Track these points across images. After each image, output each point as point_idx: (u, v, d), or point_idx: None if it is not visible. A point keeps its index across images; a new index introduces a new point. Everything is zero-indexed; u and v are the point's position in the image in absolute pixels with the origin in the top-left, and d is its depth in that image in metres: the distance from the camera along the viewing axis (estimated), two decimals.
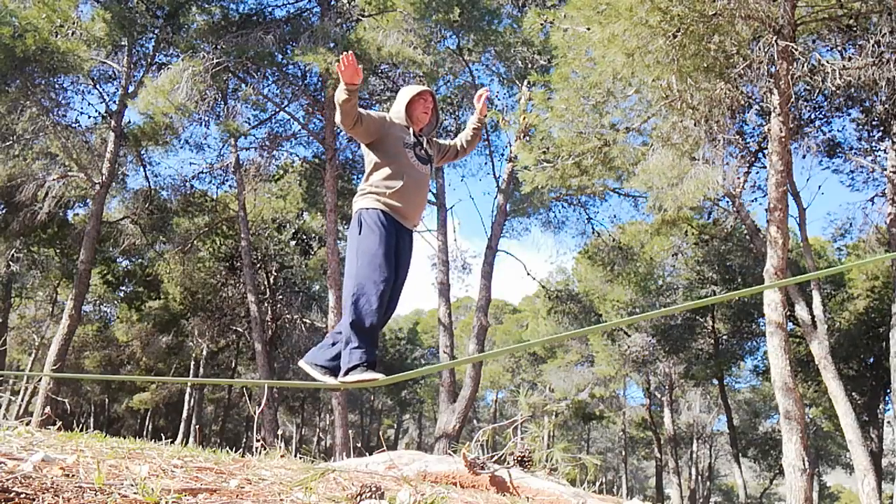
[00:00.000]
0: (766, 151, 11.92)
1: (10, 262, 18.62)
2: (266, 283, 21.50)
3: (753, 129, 14.59)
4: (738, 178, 14.03)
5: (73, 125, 15.98)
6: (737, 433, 26.38)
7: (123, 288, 22.75)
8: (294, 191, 19.64)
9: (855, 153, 15.26)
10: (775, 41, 8.71)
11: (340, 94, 3.28)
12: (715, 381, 25.30)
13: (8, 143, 15.30)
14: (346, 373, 3.22)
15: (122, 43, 15.14)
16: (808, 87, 12.71)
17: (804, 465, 8.77)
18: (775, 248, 9.25)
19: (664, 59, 8.71)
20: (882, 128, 14.28)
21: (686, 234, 19.89)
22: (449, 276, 16.93)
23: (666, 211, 11.37)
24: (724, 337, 24.07)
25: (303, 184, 18.97)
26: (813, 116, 15.11)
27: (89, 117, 24.23)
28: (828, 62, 9.38)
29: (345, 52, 3.34)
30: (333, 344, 3.41)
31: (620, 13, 8.49)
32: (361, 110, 3.44)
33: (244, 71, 16.05)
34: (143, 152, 16.94)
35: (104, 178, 15.01)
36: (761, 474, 35.91)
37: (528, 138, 13.19)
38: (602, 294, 23.80)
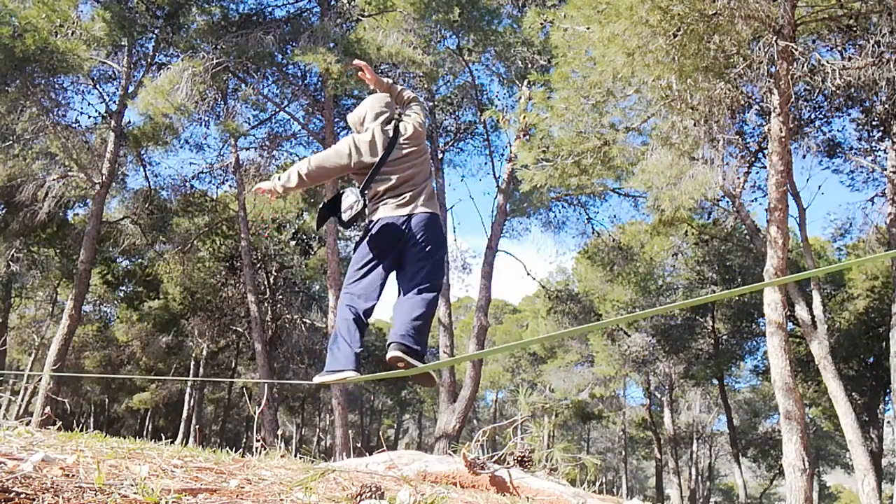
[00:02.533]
0: (766, 151, 11.92)
1: (10, 262, 18.61)
2: (266, 283, 21.50)
3: (753, 129, 14.59)
4: (738, 178, 14.04)
5: (73, 125, 15.98)
6: (737, 433, 26.38)
7: (123, 288, 22.76)
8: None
9: (855, 153, 15.26)
10: (775, 41, 8.71)
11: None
12: (715, 381, 25.30)
13: (8, 143, 15.29)
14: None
15: (122, 43, 15.13)
16: (808, 87, 12.71)
17: (804, 465, 8.76)
18: (775, 248, 9.25)
19: (664, 58, 8.71)
20: (882, 128, 14.28)
21: (686, 234, 19.89)
22: (449, 276, 16.94)
23: (664, 211, 11.37)
24: (724, 337, 24.07)
25: None
26: (813, 116, 15.11)
27: (89, 117, 24.27)
28: (828, 62, 9.38)
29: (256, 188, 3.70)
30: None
31: (620, 12, 8.48)
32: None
33: (244, 71, 16.05)
34: (143, 152, 16.94)
35: (104, 178, 15.00)
36: (761, 474, 35.92)
37: (527, 137, 13.19)
38: (602, 294, 23.80)
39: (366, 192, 3.47)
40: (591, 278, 23.22)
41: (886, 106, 13.01)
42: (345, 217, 3.38)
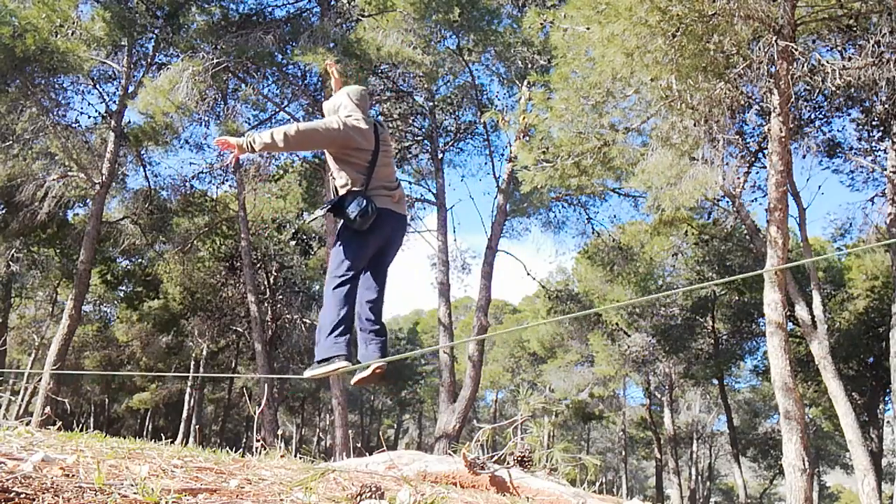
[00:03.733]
0: (766, 151, 11.92)
1: (10, 262, 18.60)
2: (266, 283, 21.50)
3: (753, 129, 14.59)
4: (738, 178, 14.04)
5: (73, 125, 15.98)
6: (737, 433, 26.39)
7: (123, 288, 22.75)
8: (294, 191, 19.64)
9: (855, 153, 15.26)
10: (775, 41, 8.71)
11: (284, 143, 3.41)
12: (715, 381, 25.31)
13: (8, 143, 15.29)
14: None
15: (122, 43, 15.12)
16: (808, 87, 12.70)
17: (804, 465, 8.76)
18: (775, 248, 9.25)
19: (663, 58, 8.70)
20: (882, 128, 14.28)
21: (686, 234, 19.89)
22: (449, 276, 16.93)
23: (664, 211, 11.37)
24: (724, 337, 24.07)
25: (303, 184, 18.98)
26: (813, 116, 15.11)
27: (89, 117, 24.20)
28: (828, 62, 9.38)
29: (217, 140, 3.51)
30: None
31: (620, 13, 8.48)
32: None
33: (244, 71, 16.04)
34: (143, 152, 16.93)
35: (104, 178, 15.00)
36: (761, 474, 35.92)
37: (527, 138, 13.19)
38: (602, 294, 23.80)
39: (368, 183, 3.49)
40: (591, 278, 23.22)
41: (886, 106, 13.01)
42: (358, 224, 3.39)
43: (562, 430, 36.71)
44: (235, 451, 3.36)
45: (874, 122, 14.41)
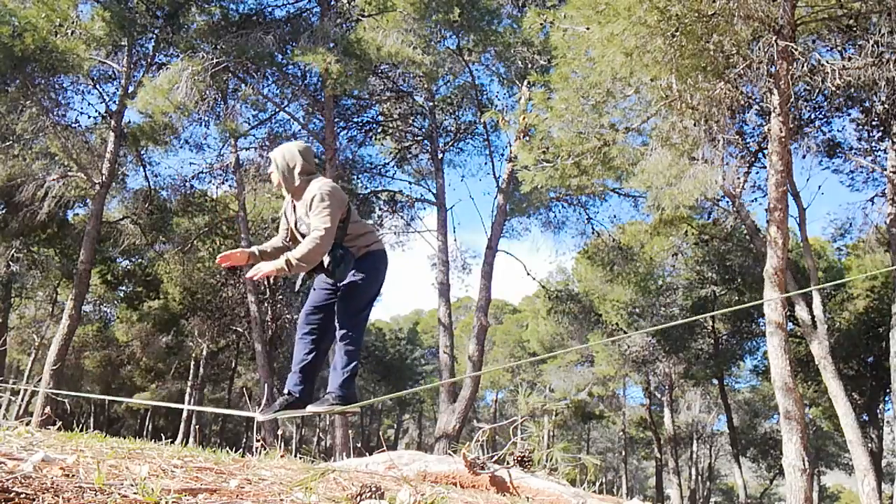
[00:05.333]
0: (766, 151, 11.92)
1: (10, 262, 18.60)
2: (266, 283, 21.49)
3: (753, 129, 14.58)
4: (738, 178, 14.03)
5: (73, 125, 15.97)
6: (737, 433, 26.39)
7: (123, 288, 22.75)
8: None
9: (855, 153, 15.26)
10: (775, 41, 8.71)
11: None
12: (715, 381, 25.31)
13: (8, 143, 15.28)
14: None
15: (122, 43, 15.12)
16: (808, 87, 12.70)
17: (804, 465, 8.77)
18: (775, 248, 9.25)
19: (663, 58, 8.70)
20: (882, 128, 14.27)
21: (686, 234, 19.88)
22: (449, 276, 16.93)
23: (664, 210, 11.37)
24: (724, 337, 24.07)
25: None
26: (813, 116, 15.10)
27: (89, 117, 24.22)
28: (828, 62, 9.38)
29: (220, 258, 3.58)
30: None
31: (619, 13, 8.48)
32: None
33: (244, 71, 16.04)
34: (142, 152, 16.93)
35: (104, 178, 15.00)
36: (761, 474, 35.92)
37: (527, 138, 13.19)
38: (602, 294, 23.80)
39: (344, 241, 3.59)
40: (591, 278, 23.20)
41: (886, 106, 13.01)
42: (339, 274, 3.53)
43: (562, 430, 36.71)
44: (235, 451, 3.36)
45: (874, 122, 14.41)
